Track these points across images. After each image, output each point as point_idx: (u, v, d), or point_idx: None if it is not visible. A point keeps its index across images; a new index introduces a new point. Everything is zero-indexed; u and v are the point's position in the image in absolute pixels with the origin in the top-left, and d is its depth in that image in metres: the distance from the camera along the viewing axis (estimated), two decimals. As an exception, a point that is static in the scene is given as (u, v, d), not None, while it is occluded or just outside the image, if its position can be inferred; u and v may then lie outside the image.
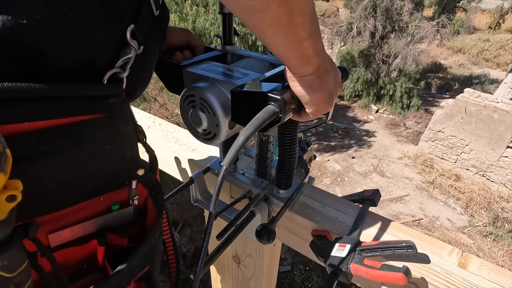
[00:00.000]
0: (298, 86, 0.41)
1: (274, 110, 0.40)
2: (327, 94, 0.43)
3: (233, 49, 0.63)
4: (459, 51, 12.44)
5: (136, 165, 0.40)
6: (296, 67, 0.39)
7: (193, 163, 0.78)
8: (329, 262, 0.51)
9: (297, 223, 0.63)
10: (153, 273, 0.43)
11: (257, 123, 0.39)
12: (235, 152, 0.37)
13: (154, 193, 0.44)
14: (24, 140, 0.29)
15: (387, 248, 0.49)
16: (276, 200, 0.63)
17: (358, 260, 0.49)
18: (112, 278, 0.36)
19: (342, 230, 0.58)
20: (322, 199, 0.65)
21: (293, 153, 0.58)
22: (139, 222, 0.44)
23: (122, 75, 0.35)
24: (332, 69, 0.44)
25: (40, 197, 0.32)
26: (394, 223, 0.59)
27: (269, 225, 0.51)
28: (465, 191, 6.38)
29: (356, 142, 7.80)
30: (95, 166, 0.36)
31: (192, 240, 4.74)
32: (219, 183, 0.36)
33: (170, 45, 0.61)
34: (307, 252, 0.64)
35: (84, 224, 0.38)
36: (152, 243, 0.41)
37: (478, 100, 6.31)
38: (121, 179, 0.40)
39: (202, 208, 0.71)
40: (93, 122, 0.34)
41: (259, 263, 0.80)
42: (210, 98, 0.48)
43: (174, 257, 0.48)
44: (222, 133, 0.50)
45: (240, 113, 0.45)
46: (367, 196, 0.64)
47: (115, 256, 0.39)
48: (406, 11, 8.46)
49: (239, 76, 0.51)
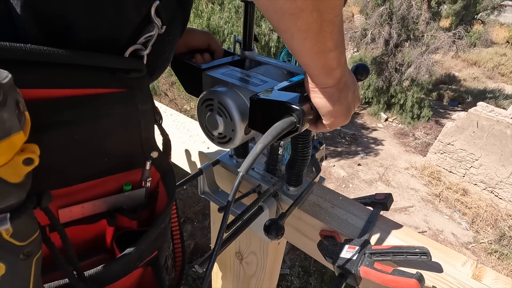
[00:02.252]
0: (318, 98, 0.42)
1: (293, 120, 0.41)
2: (345, 107, 0.44)
3: (252, 55, 0.64)
4: (474, 64, 12.23)
5: (150, 146, 0.40)
6: (319, 77, 0.39)
7: (203, 155, 0.78)
8: (338, 263, 0.49)
9: (305, 222, 0.61)
10: (160, 259, 0.42)
11: (275, 133, 0.39)
12: (253, 159, 0.37)
13: (167, 177, 0.43)
14: (41, 107, 0.28)
15: (399, 253, 0.47)
16: (285, 197, 0.61)
17: (368, 264, 0.47)
18: (120, 260, 0.36)
19: (352, 232, 0.56)
20: (332, 199, 0.63)
21: (306, 154, 0.58)
22: (150, 206, 0.43)
23: (143, 53, 0.35)
24: (352, 83, 0.44)
25: (54, 169, 0.32)
26: (406, 229, 0.57)
27: (278, 220, 0.50)
28: (472, 206, 6.26)
29: (363, 150, 7.73)
30: (111, 142, 0.35)
31: (193, 236, 4.74)
32: (235, 188, 0.36)
33: (191, 46, 0.61)
34: (313, 252, 0.63)
35: (95, 202, 0.37)
36: (162, 228, 0.40)
37: (491, 114, 6.19)
38: (135, 159, 0.39)
39: (209, 200, 0.70)
40: (111, 96, 0.33)
41: (262, 261, 0.79)
42: (228, 103, 0.48)
43: (180, 246, 0.48)
44: (237, 138, 0.51)
45: (258, 120, 0.46)
46: (379, 200, 0.62)
47: (123, 239, 0.38)
48: (423, 20, 8.37)
49: (258, 83, 0.52)
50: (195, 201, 5.23)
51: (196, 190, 5.39)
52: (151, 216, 0.44)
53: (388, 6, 8.21)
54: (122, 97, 0.34)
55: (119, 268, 0.36)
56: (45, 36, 0.28)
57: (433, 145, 7.19)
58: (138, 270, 0.40)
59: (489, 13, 9.31)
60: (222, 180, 0.73)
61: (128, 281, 0.39)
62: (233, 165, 0.70)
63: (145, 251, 0.39)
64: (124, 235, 0.40)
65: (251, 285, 0.87)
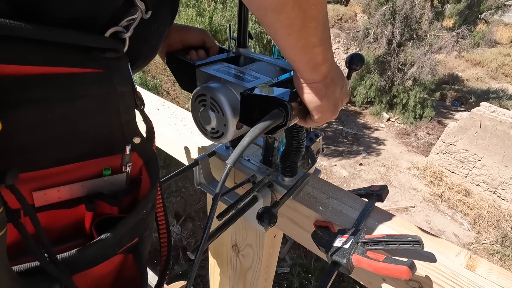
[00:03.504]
0: (306, 93, 0.43)
1: (280, 114, 0.42)
2: (332, 103, 0.44)
3: (246, 52, 0.65)
4: (477, 64, 12.15)
5: (131, 131, 0.39)
6: (305, 72, 0.40)
7: (199, 147, 0.78)
8: (330, 252, 0.49)
9: (300, 212, 0.61)
10: (142, 247, 0.41)
11: (262, 126, 0.40)
12: (240, 152, 0.38)
13: (150, 164, 0.42)
14: (8, 83, 0.27)
15: (391, 242, 0.47)
16: (280, 187, 0.61)
17: (361, 252, 0.47)
18: (96, 244, 0.35)
19: (346, 222, 0.56)
20: (327, 190, 0.63)
21: (300, 146, 0.58)
22: (132, 193, 0.43)
23: (124, 35, 0.34)
24: (340, 79, 0.45)
25: (25, 150, 0.31)
26: (400, 220, 0.57)
27: (271, 208, 0.50)
28: (474, 207, 6.22)
29: (365, 149, 7.70)
30: (87, 125, 0.34)
31: (193, 234, 4.75)
32: (223, 179, 0.38)
33: (186, 43, 0.62)
34: (308, 243, 0.63)
35: (72, 186, 0.37)
36: (143, 215, 0.40)
37: (494, 115, 6.15)
38: (115, 144, 0.38)
39: (205, 191, 0.70)
40: (87, 77, 0.32)
41: (258, 254, 0.79)
42: (220, 99, 0.50)
43: (166, 236, 0.47)
44: (229, 133, 0.52)
45: (248, 115, 0.47)
46: (374, 191, 0.62)
47: (103, 226, 0.37)
48: (426, 20, 8.32)
49: (250, 79, 0.53)
50: (196, 199, 5.24)
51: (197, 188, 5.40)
52: (134, 203, 0.43)
53: (391, 6, 8.18)
54: (99, 78, 0.33)
55: (95, 253, 0.35)
56: (16, 12, 0.28)
57: (435, 145, 7.16)
58: (117, 257, 0.39)
59: (493, 12, 9.25)
60: (218, 172, 0.73)
61: (106, 267, 0.38)
62: (229, 156, 0.70)
63: (124, 236, 0.38)
64: (105, 222, 0.39)
65: (247, 278, 0.87)
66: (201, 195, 5.08)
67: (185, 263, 4.30)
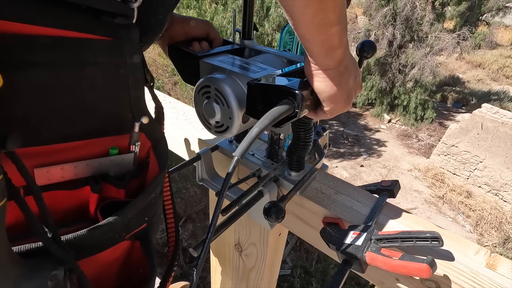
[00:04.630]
0: (318, 81, 0.40)
1: (291, 104, 0.39)
2: (346, 92, 0.42)
3: (251, 44, 0.62)
4: (478, 66, 12.13)
5: (140, 110, 0.37)
6: (319, 56, 0.38)
7: (202, 142, 0.75)
8: (342, 249, 0.46)
9: (307, 209, 0.58)
10: (150, 233, 0.38)
11: (272, 116, 0.37)
12: (248, 143, 0.36)
13: (158, 146, 0.40)
14: (11, 42, 0.26)
15: (407, 239, 0.44)
16: (286, 182, 0.59)
17: (375, 249, 0.44)
18: (104, 226, 0.32)
19: (356, 219, 0.53)
20: (336, 186, 0.60)
21: (307, 140, 0.55)
22: (139, 176, 0.40)
23: (133, 5, 0.32)
24: (354, 68, 0.42)
25: (28, 118, 0.29)
26: (414, 217, 0.54)
27: (278, 203, 0.47)
28: (476, 209, 6.18)
29: (366, 151, 7.67)
30: (94, 97, 0.32)
31: (194, 235, 4.71)
32: (230, 171, 0.35)
33: (189, 35, 0.60)
34: (315, 241, 0.60)
35: (76, 164, 0.34)
36: (152, 199, 0.37)
37: (496, 116, 6.12)
38: (124, 123, 0.36)
39: (207, 187, 0.67)
40: (96, 43, 0.30)
41: (262, 253, 0.76)
42: (225, 90, 0.47)
43: (173, 225, 0.44)
44: (234, 126, 0.49)
45: (255, 107, 0.44)
46: (385, 187, 0.59)
47: (109, 210, 0.34)
48: (427, 21, 8.31)
49: (256, 70, 0.50)
50: (196, 200, 5.21)
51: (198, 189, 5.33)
52: (141, 187, 0.40)
53: (392, 7, 8.18)
54: (108, 46, 0.31)
55: (102, 236, 0.32)
56: None
57: (436, 146, 7.12)
58: (124, 243, 0.36)
59: (494, 14, 9.25)
60: (221, 167, 0.70)
61: (113, 254, 0.36)
62: (232, 151, 0.67)
63: (132, 221, 0.35)
64: (111, 206, 0.36)
65: (250, 279, 0.84)
66: (202, 196, 5.05)
67: (185, 264, 4.26)
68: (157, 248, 4.32)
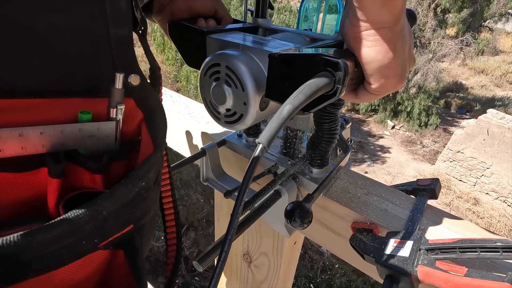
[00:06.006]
0: (367, 46, 0.30)
1: (331, 78, 0.29)
2: (401, 63, 0.32)
3: (265, 23, 0.53)
4: (481, 72, 12.09)
5: (127, 61, 0.26)
6: (373, 6, 0.28)
7: (206, 137, 0.66)
8: (383, 262, 0.37)
9: (333, 212, 0.49)
10: (139, 240, 0.27)
11: (308, 91, 0.27)
12: (278, 126, 0.26)
13: (153, 118, 0.29)
14: None
15: (469, 249, 0.35)
16: (307, 181, 0.50)
17: (428, 262, 0.35)
18: (59, 226, 0.20)
19: (394, 224, 0.44)
20: (365, 185, 0.51)
21: (333, 133, 0.47)
22: (126, 158, 0.29)
23: None
24: (409, 33, 0.33)
25: None
26: (465, 222, 0.45)
27: (304, 203, 0.38)
28: (484, 216, 6.03)
29: (370, 157, 7.56)
30: (54, 28, 0.22)
31: (196, 243, 4.59)
32: (253, 163, 0.25)
33: (195, 12, 0.51)
34: (342, 251, 0.51)
35: (24, 131, 0.22)
36: (142, 188, 0.25)
37: (502, 122, 6.03)
38: (100, 77, 0.26)
39: (213, 188, 0.58)
40: None
41: (275, 264, 0.66)
42: (239, 68, 0.37)
43: (174, 229, 0.33)
44: (250, 115, 0.39)
45: (279, 86, 0.34)
46: (424, 186, 0.50)
47: (79, 204, 0.22)
48: (429, 28, 8.31)
49: (276, 45, 0.40)
50: (199, 207, 5.10)
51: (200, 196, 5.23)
52: (128, 173, 0.27)
53: (394, 13, 8.20)
54: None
55: (56, 243, 0.20)
56: None
57: (442, 153, 7.01)
58: (99, 254, 0.24)
59: (497, 20, 9.24)
60: (228, 165, 0.62)
61: (80, 272, 0.24)
62: (242, 145, 0.59)
63: (110, 220, 0.23)
64: (82, 199, 0.23)
65: (260, 293, 0.74)
66: (204, 203, 4.94)
67: (187, 273, 4.12)
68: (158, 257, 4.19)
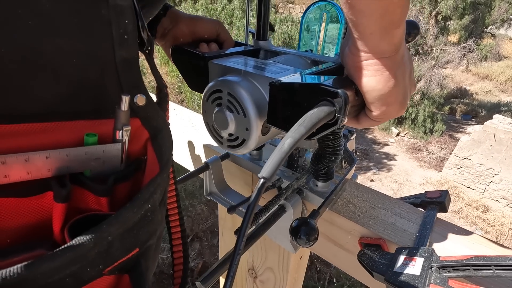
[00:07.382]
0: (367, 76, 0.30)
1: (331, 108, 0.29)
2: (402, 91, 0.32)
3: (267, 45, 0.54)
4: (485, 77, 12.04)
5: (132, 82, 0.26)
6: (373, 37, 0.28)
7: (210, 150, 0.66)
8: (394, 280, 0.36)
9: (339, 227, 0.48)
10: (144, 264, 0.26)
11: (309, 123, 0.27)
12: (279, 160, 0.26)
13: (159, 138, 0.29)
14: None
15: (483, 266, 0.33)
16: (312, 195, 0.49)
17: (440, 281, 0.34)
18: (63, 254, 0.20)
19: (403, 239, 0.43)
20: (371, 198, 0.50)
21: (337, 150, 0.46)
22: (131, 179, 0.28)
23: None
24: (409, 59, 0.34)
25: None
26: (478, 236, 0.43)
27: (309, 220, 0.37)
28: (495, 224, 5.89)
29: (375, 165, 7.49)
30: (57, 49, 0.21)
31: (201, 255, 4.54)
32: (255, 198, 0.25)
33: (197, 36, 0.52)
34: (350, 267, 0.49)
35: (29, 156, 0.22)
36: (148, 211, 0.25)
37: (509, 127, 5.96)
38: (105, 99, 0.25)
39: (216, 202, 0.58)
40: None
41: (280, 280, 0.65)
42: (241, 94, 0.38)
43: (181, 248, 0.33)
44: (252, 140, 0.40)
45: (281, 113, 0.35)
46: (433, 199, 0.49)
47: (84, 229, 0.22)
48: (431, 35, 8.34)
49: (278, 70, 0.41)
50: (203, 218, 5.07)
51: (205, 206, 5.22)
52: (133, 194, 0.27)
53: (395, 21, 8.26)
54: None
55: (59, 272, 0.20)
56: None
57: (448, 159, 6.93)
58: (103, 280, 0.24)
59: (499, 26, 9.25)
60: (232, 178, 0.61)
61: None
62: (246, 159, 0.58)
63: (115, 245, 0.23)
64: (87, 223, 0.24)
65: (266, 310, 0.72)
66: (209, 214, 4.91)
67: (192, 286, 4.07)
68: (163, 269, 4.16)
